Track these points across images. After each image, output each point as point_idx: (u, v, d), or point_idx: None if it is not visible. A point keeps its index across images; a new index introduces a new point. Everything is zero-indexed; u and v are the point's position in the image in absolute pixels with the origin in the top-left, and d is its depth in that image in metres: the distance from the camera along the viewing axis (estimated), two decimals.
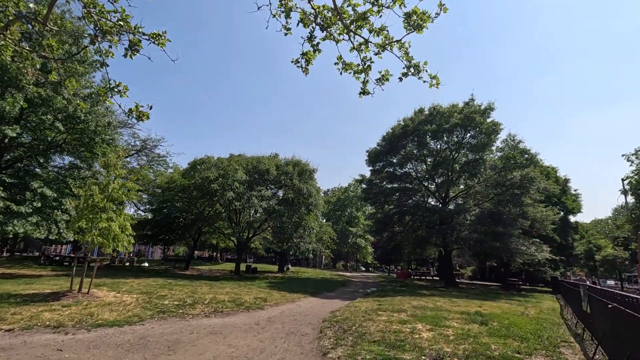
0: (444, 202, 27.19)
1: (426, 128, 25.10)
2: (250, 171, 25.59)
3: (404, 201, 27.15)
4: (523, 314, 12.61)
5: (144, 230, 29.76)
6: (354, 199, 62.50)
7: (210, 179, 22.66)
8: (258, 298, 13.73)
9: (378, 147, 28.79)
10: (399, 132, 27.03)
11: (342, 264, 69.28)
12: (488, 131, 24.69)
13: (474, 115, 24.18)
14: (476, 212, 24.98)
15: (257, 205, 22.92)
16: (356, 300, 14.89)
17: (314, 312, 11.62)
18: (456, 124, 24.33)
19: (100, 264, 30.46)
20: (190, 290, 14.71)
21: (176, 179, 27.00)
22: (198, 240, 34.42)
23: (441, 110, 26.26)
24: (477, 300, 16.57)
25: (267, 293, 15.75)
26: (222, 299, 12.75)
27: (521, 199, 23.77)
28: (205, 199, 24.86)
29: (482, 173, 24.53)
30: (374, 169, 29.61)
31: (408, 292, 19.77)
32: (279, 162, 27.47)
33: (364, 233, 57.47)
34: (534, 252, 22.85)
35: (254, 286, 18.49)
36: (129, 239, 12.60)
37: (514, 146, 25.13)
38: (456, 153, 26.20)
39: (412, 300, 14.98)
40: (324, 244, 36.60)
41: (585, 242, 37.17)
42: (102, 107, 20.82)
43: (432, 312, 11.55)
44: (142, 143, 36.43)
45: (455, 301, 15.42)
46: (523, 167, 23.83)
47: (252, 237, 28.18)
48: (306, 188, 25.62)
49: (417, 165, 29.71)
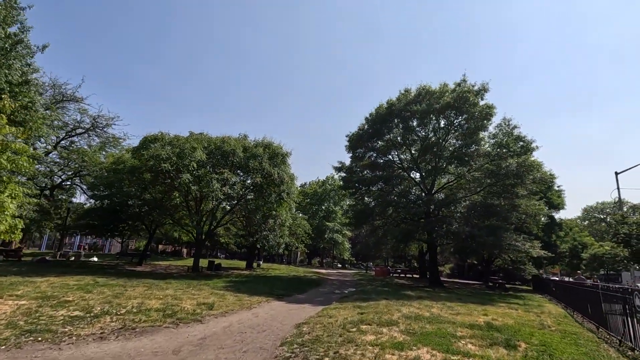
0: (429, 193, 24.60)
1: (415, 108, 22.31)
2: (212, 152, 21.98)
3: (387, 191, 24.29)
4: (542, 325, 9.94)
5: (89, 219, 25.59)
6: (331, 193, 59.65)
7: (162, 157, 18.93)
8: (202, 304, 10.39)
9: (360, 131, 25.82)
10: (384, 112, 24.13)
11: (318, 260, 66.44)
12: (481, 114, 22.24)
13: (467, 95, 21.62)
14: (467, 204, 22.56)
15: (218, 190, 19.39)
16: (331, 306, 11.83)
17: (274, 325, 8.45)
18: (448, 104, 21.66)
19: (33, 258, 26.05)
20: (114, 294, 11.16)
21: (125, 159, 22.95)
22: (155, 233, 30.41)
23: (431, 91, 23.56)
24: (474, 305, 13.91)
25: (219, 296, 12.44)
26: (150, 307, 9.35)
27: (515, 189, 21.50)
28: (159, 183, 21.08)
29: (475, 160, 22.04)
30: (354, 155, 26.62)
31: (392, 293, 16.94)
32: (247, 143, 23.96)
33: (342, 228, 54.78)
34: (528, 248, 20.61)
35: (207, 286, 15.09)
36: (14, 222, 8.95)
37: (509, 132, 22.83)
38: (446, 137, 23.63)
39: (401, 306, 12.08)
40: (298, 239, 33.41)
41: (570, 239, 36.04)
42: (20, 63, 16.73)
43: (432, 325, 8.64)
44: (93, 121, 31.98)
45: (451, 306, 12.66)
46: (518, 155, 21.55)
47: (214, 228, 24.57)
48: (277, 173, 22.29)
49: (402, 154, 26.99)
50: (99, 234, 26.96)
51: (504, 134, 23.09)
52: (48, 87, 29.47)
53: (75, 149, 29.68)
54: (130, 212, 23.59)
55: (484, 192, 23.08)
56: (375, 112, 24.70)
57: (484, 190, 23.06)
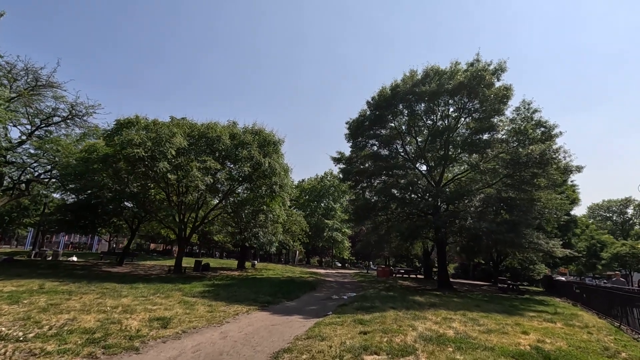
0: (437, 185, 22.11)
1: (423, 89, 19.76)
2: (195, 139, 19.53)
3: (390, 184, 21.78)
4: (606, 350, 7.47)
5: (58, 215, 23.14)
6: (330, 189, 57.20)
7: (135, 142, 16.46)
8: (157, 320, 7.93)
9: (361, 117, 23.27)
10: (387, 96, 21.57)
11: (317, 259, 64.07)
12: (497, 97, 19.74)
13: (483, 74, 19.10)
14: (482, 197, 20.08)
15: (199, 180, 16.91)
16: (326, 320, 9.36)
17: (243, 354, 5.99)
18: (461, 84, 19.12)
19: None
20: (47, 305, 8.72)
21: (99, 146, 20.46)
22: (138, 230, 27.95)
23: (440, 71, 21.03)
24: (500, 316, 11.46)
25: (188, 306, 9.99)
26: (78, 326, 6.89)
27: (536, 180, 19.01)
28: (134, 173, 18.61)
29: (493, 147, 19.50)
30: (355, 144, 24.08)
31: (399, 299, 14.47)
32: (236, 130, 21.47)
33: (341, 226, 52.34)
34: (551, 247, 18.14)
35: (179, 292, 12.64)
36: None
37: (528, 117, 20.33)
38: (457, 123, 21.12)
39: (413, 319, 9.63)
40: (294, 237, 30.92)
41: (587, 237, 33.60)
42: None
43: (464, 354, 6.19)
44: (70, 108, 29.40)
45: (475, 319, 10.20)
46: (538, 142, 19.05)
47: (199, 225, 22.09)
48: (268, 162, 19.82)
49: (407, 145, 24.49)
50: (72, 231, 24.48)
51: (523, 119, 20.57)
52: (22, 73, 26.99)
53: (50, 138, 27.14)
54: (104, 207, 21.11)
55: (499, 183, 20.56)
56: (378, 96, 22.16)
57: (500, 182, 20.54)
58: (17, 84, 27.06)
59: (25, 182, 29.40)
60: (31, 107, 27.83)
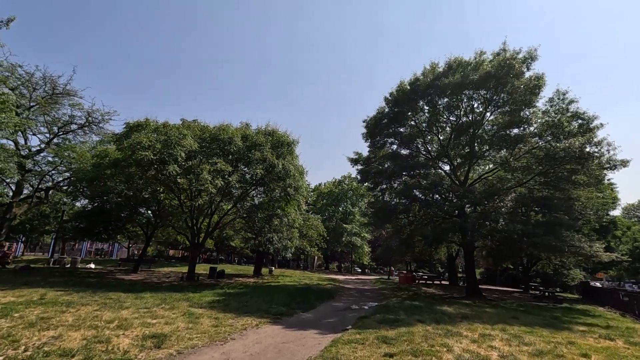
0: (463, 185, 20.55)
1: (446, 81, 18.34)
2: (206, 141, 18.83)
3: (412, 185, 20.36)
4: None
5: (72, 222, 22.94)
6: (348, 193, 55.85)
7: (143, 145, 15.85)
8: (152, 337, 6.98)
9: (379, 115, 22.00)
10: (406, 91, 20.27)
11: (336, 265, 62.68)
12: (528, 88, 18.11)
13: (512, 62, 17.54)
14: (514, 196, 18.40)
15: (209, 183, 16.11)
16: (345, 336, 8.18)
17: None
18: (488, 74, 17.59)
19: (16, 266, 23.62)
20: (36, 319, 7.96)
21: (110, 151, 20.09)
22: (153, 236, 27.54)
23: (464, 62, 19.58)
24: (546, 331, 9.96)
25: (191, 319, 9.05)
26: (59, 346, 6.02)
27: (575, 177, 17.22)
28: (143, 177, 18.04)
29: (526, 141, 17.82)
30: (373, 143, 22.83)
31: (426, 310, 13.08)
32: (249, 132, 20.67)
33: (360, 230, 50.81)
34: (595, 251, 16.26)
35: (186, 302, 11.75)
36: None
37: (563, 108, 18.54)
38: (483, 117, 19.55)
39: (446, 336, 8.32)
40: (311, 242, 29.80)
41: (629, 240, 30.90)
42: None
43: None
44: (87, 116, 29.52)
45: (519, 336, 8.78)
46: (577, 135, 17.26)
47: (212, 230, 21.33)
48: (282, 164, 18.87)
49: (428, 144, 23.06)
50: (87, 238, 24.27)
51: (557, 111, 18.79)
52: (41, 82, 27.27)
53: (66, 145, 27.22)
54: (117, 213, 20.68)
55: (532, 182, 18.82)
56: (397, 91, 20.88)
57: (532, 180, 18.81)
58: (36, 93, 27.41)
59: (44, 190, 29.68)
60: (49, 115, 28.10)
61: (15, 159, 24.93)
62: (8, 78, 25.18)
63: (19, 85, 25.80)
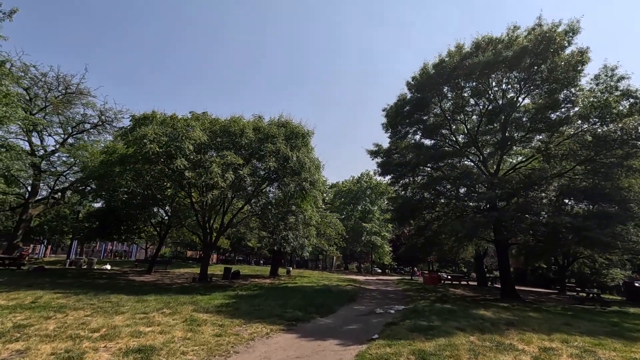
0: (495, 175, 18.63)
1: (475, 60, 16.55)
2: (216, 134, 17.74)
3: (439, 176, 18.60)
4: None
5: (83, 222, 22.38)
6: (367, 191, 54.07)
7: (148, 137, 14.87)
8: (136, 352, 5.74)
9: (400, 102, 20.31)
10: (430, 74, 18.52)
11: (355, 265, 60.97)
12: (569, 64, 16.09)
13: (552, 35, 15.60)
14: (556, 186, 16.40)
15: (219, 176, 14.97)
16: (372, 349, 6.71)
17: None
18: (524, 49, 15.66)
19: (29, 267, 23.28)
20: (8, 329, 6.87)
21: (118, 147, 19.33)
22: (167, 236, 26.80)
23: (494, 39, 17.73)
24: (618, 343, 8.19)
25: (193, 327, 7.81)
26: None
27: (629, 162, 15.08)
28: (150, 172, 17.12)
29: (571, 122, 15.80)
30: (394, 132, 21.17)
31: (461, 314, 11.44)
32: (261, 124, 19.49)
33: (380, 229, 48.97)
34: None
35: (191, 306, 10.57)
36: None
37: (612, 86, 16.40)
38: (518, 98, 17.55)
39: (498, 349, 6.75)
40: (329, 241, 28.37)
41: None
42: None
43: None
44: (100, 115, 29.16)
45: (587, 349, 7.11)
46: (628, 116, 15.13)
47: (225, 229, 20.24)
48: (297, 156, 17.56)
49: (454, 134, 21.21)
50: (100, 238, 23.70)
51: (604, 90, 16.63)
52: (55, 82, 27.04)
53: (79, 144, 26.87)
54: (128, 213, 19.90)
55: (576, 170, 16.74)
56: (420, 75, 19.18)
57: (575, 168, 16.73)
58: (52, 93, 27.21)
59: (60, 191, 29.51)
60: (62, 115, 27.86)
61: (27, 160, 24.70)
62: (21, 78, 25.06)
63: (32, 85, 25.64)
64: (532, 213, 15.08)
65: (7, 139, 24.50)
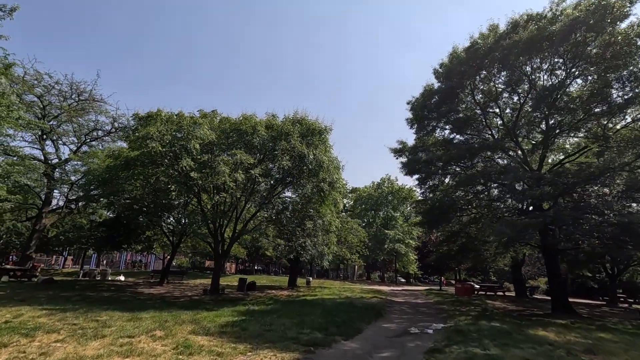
0: (538, 171, 16.23)
1: (515, 39, 14.45)
2: (225, 132, 16.32)
3: (475, 172, 16.38)
4: None
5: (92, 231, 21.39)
6: (389, 197, 51.74)
7: (151, 136, 13.58)
8: None
9: (427, 92, 18.31)
10: (461, 59, 16.48)
11: (378, 274, 58.26)
12: (627, 39, 13.76)
13: (609, 2, 13.36)
14: (620, 181, 13.90)
15: (227, 176, 13.43)
16: None
17: None
18: (575, 20, 13.50)
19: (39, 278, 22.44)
20: None
21: (123, 151, 18.21)
22: (179, 245, 25.51)
23: (536, 15, 15.57)
24: None
25: (181, 357, 6.12)
26: None
27: None
28: (154, 174, 15.82)
29: (636, 103, 13.39)
30: (420, 127, 19.14)
31: (519, 338, 9.22)
32: (275, 122, 17.95)
33: (404, 237, 46.41)
34: None
35: (190, 325, 8.91)
36: None
37: None
38: (567, 80, 15.21)
39: None
40: (351, 248, 26.35)
41: None
42: None
43: None
44: (113, 121, 28.56)
45: None
46: None
47: (236, 238, 18.65)
48: (313, 154, 15.85)
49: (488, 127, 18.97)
50: (108, 247, 22.66)
51: None
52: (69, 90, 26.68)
53: (91, 151, 26.23)
54: (135, 217, 18.71)
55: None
56: (450, 61, 17.21)
57: None
58: (66, 102, 26.85)
59: (74, 200, 28.95)
60: (76, 123, 27.41)
61: (41, 169, 24.13)
62: (35, 86, 24.77)
63: (45, 92, 25.27)
64: (594, 212, 12.67)
65: (22, 148, 24.21)
